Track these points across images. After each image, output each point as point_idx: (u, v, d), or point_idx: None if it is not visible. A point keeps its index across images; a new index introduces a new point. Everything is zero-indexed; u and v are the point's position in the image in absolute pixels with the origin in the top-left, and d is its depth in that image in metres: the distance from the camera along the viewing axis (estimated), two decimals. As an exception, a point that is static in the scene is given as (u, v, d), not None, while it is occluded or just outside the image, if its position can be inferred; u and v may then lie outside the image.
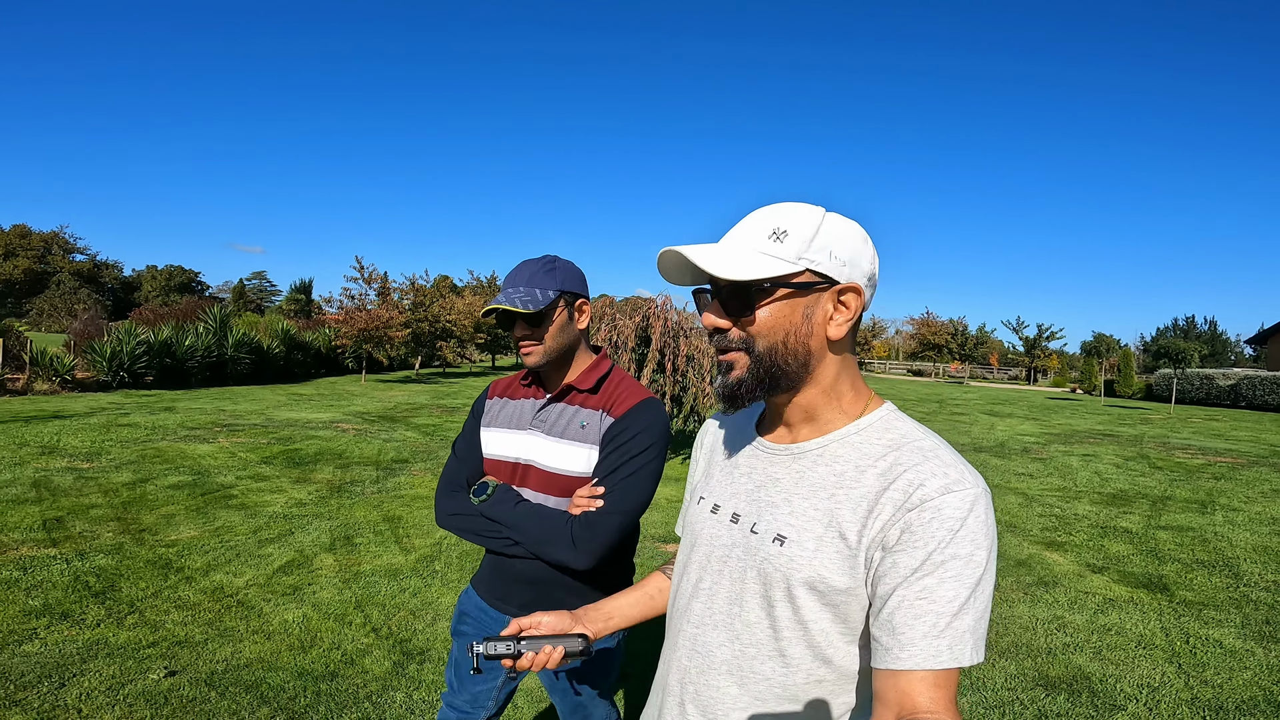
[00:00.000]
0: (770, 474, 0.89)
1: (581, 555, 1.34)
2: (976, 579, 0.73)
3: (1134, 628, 3.48)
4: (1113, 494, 7.03)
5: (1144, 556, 4.77)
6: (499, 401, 1.58)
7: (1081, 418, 16.38)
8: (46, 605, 3.08)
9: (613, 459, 1.39)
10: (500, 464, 1.50)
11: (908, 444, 0.81)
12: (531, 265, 1.47)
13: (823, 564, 0.79)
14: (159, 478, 5.82)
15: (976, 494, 0.75)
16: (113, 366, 13.49)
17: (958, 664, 0.71)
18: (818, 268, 0.81)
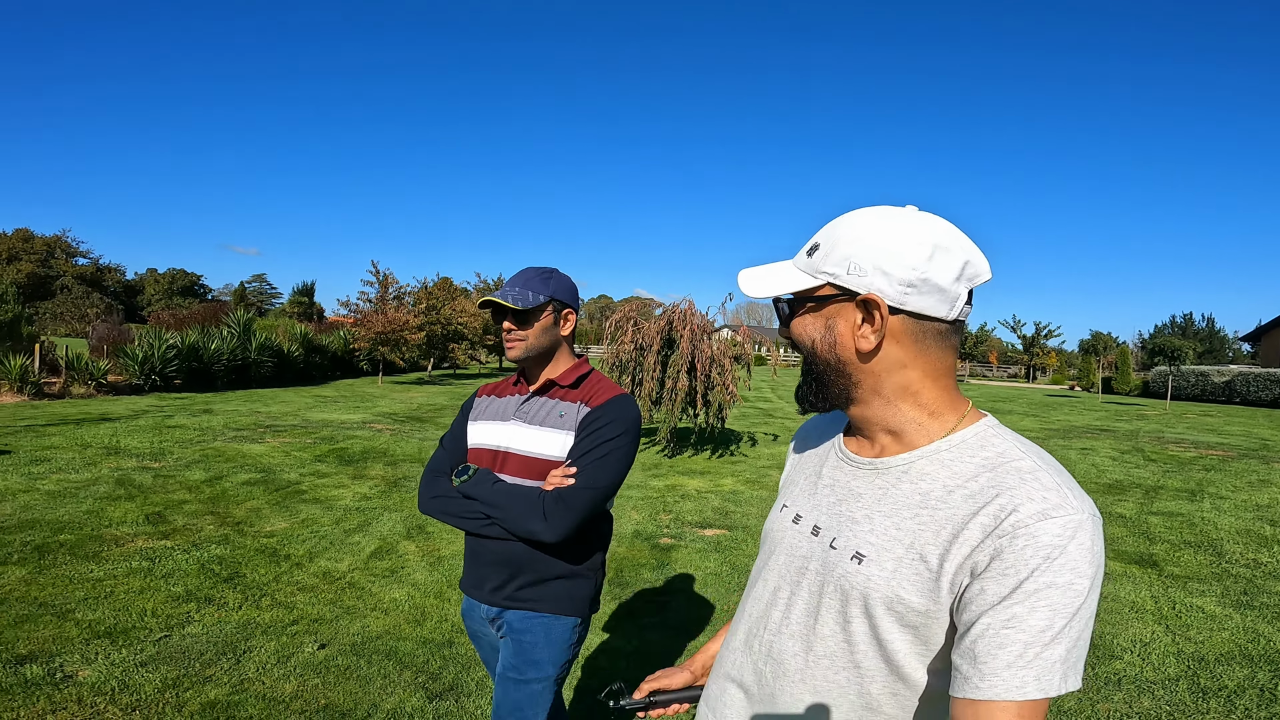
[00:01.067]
0: (852, 488, 0.88)
1: (551, 527, 1.44)
2: (1074, 608, 0.69)
3: (1127, 596, 3.99)
4: (1109, 484, 7.54)
5: (1136, 538, 5.28)
6: (486, 399, 1.72)
7: (1080, 414, 16.89)
8: (189, 592, 3.54)
9: (586, 443, 1.52)
10: (482, 452, 1.61)
11: (1004, 464, 0.77)
12: (530, 271, 1.63)
13: (900, 585, 0.77)
14: (230, 475, 6.30)
15: (1080, 520, 0.71)
16: (144, 370, 13.96)
17: (1044, 695, 0.68)
18: (836, 280, 0.82)
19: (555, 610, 1.55)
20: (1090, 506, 0.73)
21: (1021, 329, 40.01)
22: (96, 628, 3.01)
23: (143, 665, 2.73)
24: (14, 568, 3.67)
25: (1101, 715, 2.68)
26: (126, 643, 2.90)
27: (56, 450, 7.18)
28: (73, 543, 4.15)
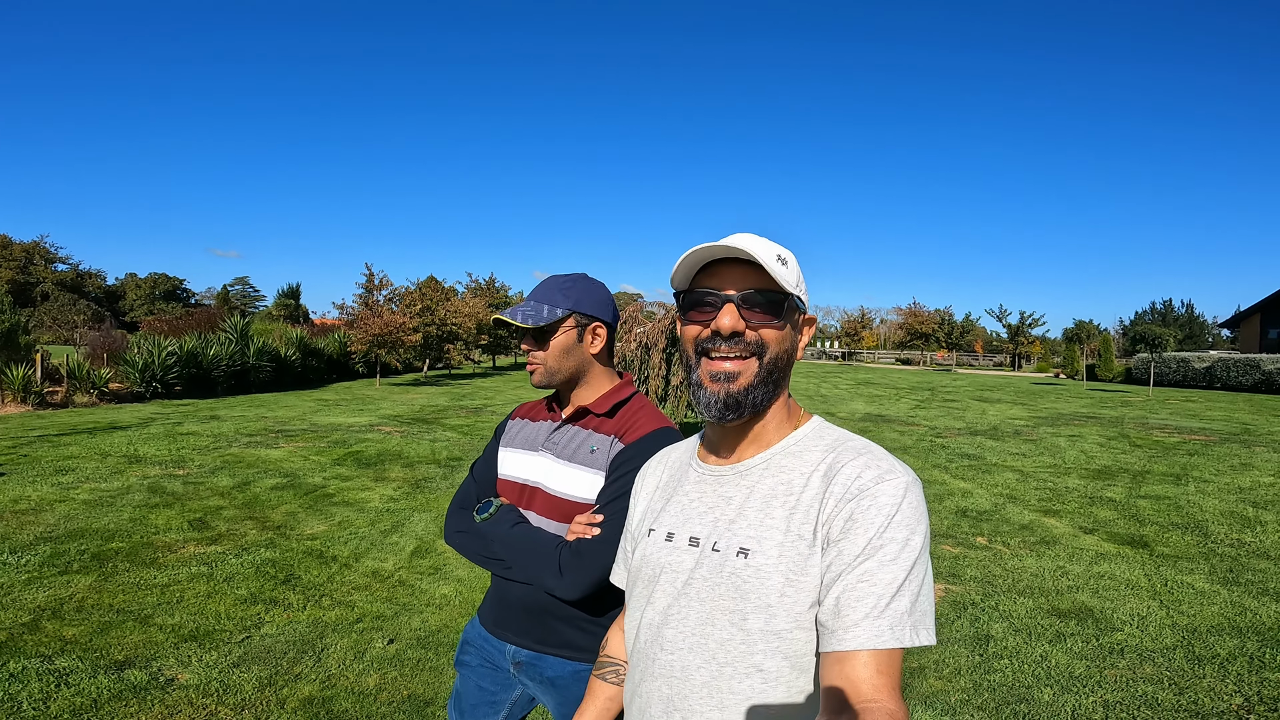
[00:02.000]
0: (721, 494, 0.93)
1: (568, 585, 1.29)
2: (911, 562, 0.77)
3: (1122, 574, 4.29)
4: (1098, 469, 7.88)
5: (1127, 520, 5.60)
6: (519, 423, 1.57)
7: (1066, 401, 17.33)
8: (252, 594, 3.74)
9: (616, 486, 1.33)
10: (510, 485, 1.48)
11: (842, 445, 0.89)
12: (551, 281, 1.47)
13: (789, 569, 0.82)
14: (257, 481, 6.48)
15: (908, 481, 0.82)
16: (145, 378, 14.01)
17: (899, 644, 0.74)
18: (798, 293, 0.93)
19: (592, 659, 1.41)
20: (912, 472, 0.85)
21: (1006, 318, 40.66)
22: (180, 631, 3.21)
23: (235, 666, 2.93)
24: (79, 576, 3.86)
25: (1109, 681, 2.96)
26: (212, 645, 3.10)
27: (78, 460, 7.32)
28: (127, 550, 4.33)
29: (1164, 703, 2.79)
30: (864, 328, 52.30)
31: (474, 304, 26.26)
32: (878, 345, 52.72)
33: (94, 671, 2.76)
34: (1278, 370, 21.19)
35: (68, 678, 2.70)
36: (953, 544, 4.92)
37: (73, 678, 2.70)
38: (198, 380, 15.26)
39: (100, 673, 2.75)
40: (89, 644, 3.01)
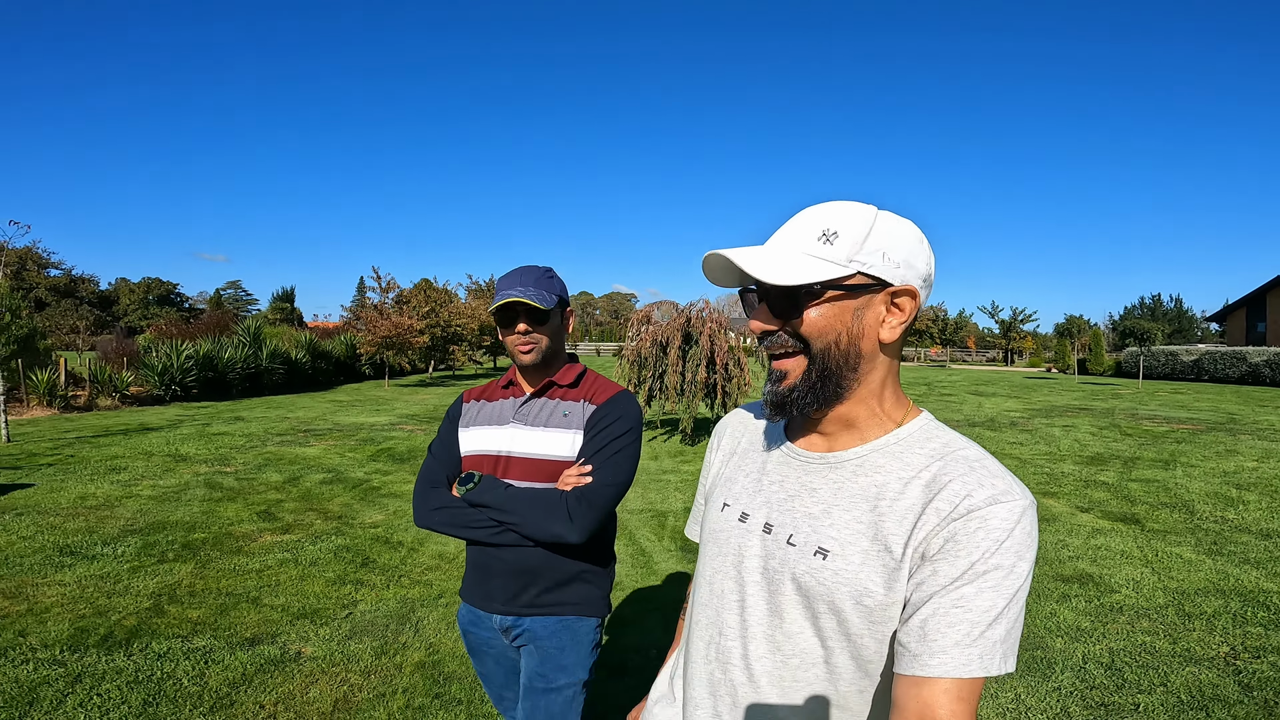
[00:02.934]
0: (805, 483, 0.87)
1: (577, 527, 1.41)
2: (1014, 590, 0.73)
3: (1117, 546, 4.73)
4: (1091, 456, 8.35)
5: (1120, 501, 6.06)
6: (475, 404, 1.65)
7: (1059, 395, 17.84)
8: (339, 577, 4.09)
9: (598, 440, 1.48)
10: (482, 458, 1.55)
11: (952, 453, 0.81)
12: (534, 271, 1.58)
13: (869, 578, 0.78)
14: (305, 476, 6.85)
15: (1024, 506, 0.75)
16: (164, 381, 14.32)
17: (986, 673, 0.71)
18: (870, 270, 0.80)
19: (578, 612, 1.53)
20: (1030, 494, 0.77)
21: (999, 314, 41.31)
22: (289, 610, 3.56)
23: (348, 638, 3.28)
24: (178, 564, 4.22)
25: (1112, 633, 3.38)
26: (322, 621, 3.46)
27: (124, 459, 7.66)
28: (211, 540, 4.70)
29: (1161, 650, 3.21)
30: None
31: (476, 306, 26.63)
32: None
33: (230, 649, 3.11)
34: (1264, 363, 21.79)
35: (210, 655, 3.04)
36: (963, 523, 5.36)
37: (215, 655, 3.04)
38: (213, 383, 15.57)
39: (236, 649, 3.10)
40: (215, 624, 3.36)
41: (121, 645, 3.06)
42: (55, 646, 3.01)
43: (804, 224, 0.83)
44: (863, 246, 0.80)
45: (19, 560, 4.16)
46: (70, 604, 3.50)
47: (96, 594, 3.65)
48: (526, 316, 1.51)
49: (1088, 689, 2.86)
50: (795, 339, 0.83)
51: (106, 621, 3.29)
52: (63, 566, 4.07)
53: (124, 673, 2.81)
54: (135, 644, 3.08)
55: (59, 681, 2.71)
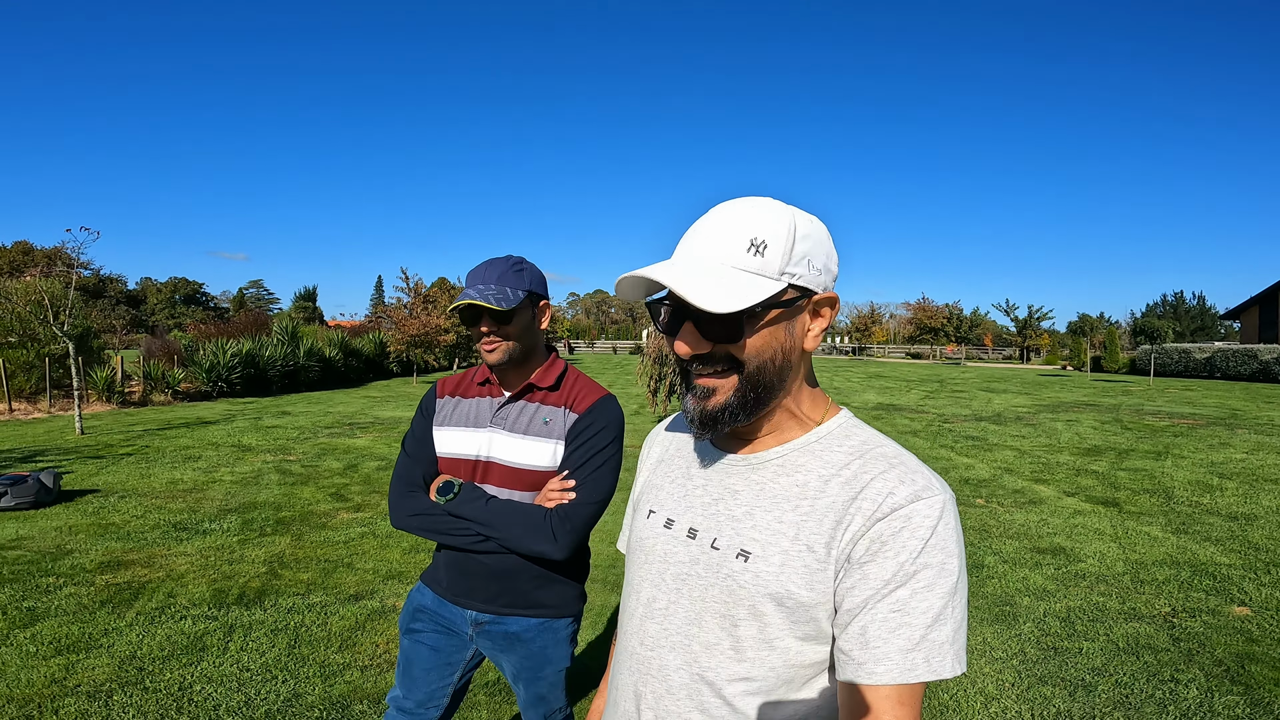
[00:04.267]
0: (728, 486, 0.86)
1: (561, 547, 1.40)
2: (950, 588, 0.72)
3: (1092, 525, 5.32)
4: (1088, 448, 8.88)
5: (1105, 487, 6.63)
6: (451, 400, 1.59)
7: (1069, 391, 18.25)
8: (413, 546, 4.73)
9: (580, 453, 1.45)
10: (459, 462, 1.51)
11: (870, 451, 0.80)
12: (500, 264, 1.49)
13: (790, 578, 0.77)
14: (362, 464, 7.58)
15: (945, 500, 0.75)
16: (211, 378, 15.19)
17: (937, 676, 0.70)
18: (799, 281, 0.77)
19: (556, 614, 1.54)
20: (948, 489, 0.77)
21: (1014, 312, 41.48)
22: (379, 573, 4.22)
23: None
24: (277, 537, 4.92)
25: (1072, 594, 3.98)
26: (408, 581, 4.11)
27: (195, 450, 8.44)
28: (298, 518, 5.41)
29: (1110, 609, 3.81)
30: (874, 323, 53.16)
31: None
32: (887, 340, 53.60)
33: (340, 603, 3.76)
34: (1274, 360, 22.01)
35: (326, 608, 3.68)
36: (957, 504, 5.96)
37: (330, 608, 3.69)
38: (254, 380, 16.42)
39: (345, 603, 3.75)
40: (324, 584, 4.03)
41: (255, 602, 3.75)
42: (202, 605, 3.69)
43: (728, 232, 0.77)
44: (791, 256, 0.76)
45: (142, 535, 4.88)
46: (200, 570, 4.20)
47: (219, 561, 4.36)
48: (489, 317, 1.45)
49: (1043, 635, 3.46)
50: (727, 360, 0.78)
51: (236, 584, 3.99)
52: (181, 540, 4.79)
53: (264, 624, 3.48)
54: (266, 600, 3.76)
55: (217, 632, 3.37)
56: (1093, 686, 2.96)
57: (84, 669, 2.94)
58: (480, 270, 1.49)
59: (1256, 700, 2.83)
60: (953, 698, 2.87)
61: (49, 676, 2.86)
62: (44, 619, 3.42)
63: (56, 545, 4.57)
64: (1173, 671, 3.08)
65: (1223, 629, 3.51)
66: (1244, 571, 4.33)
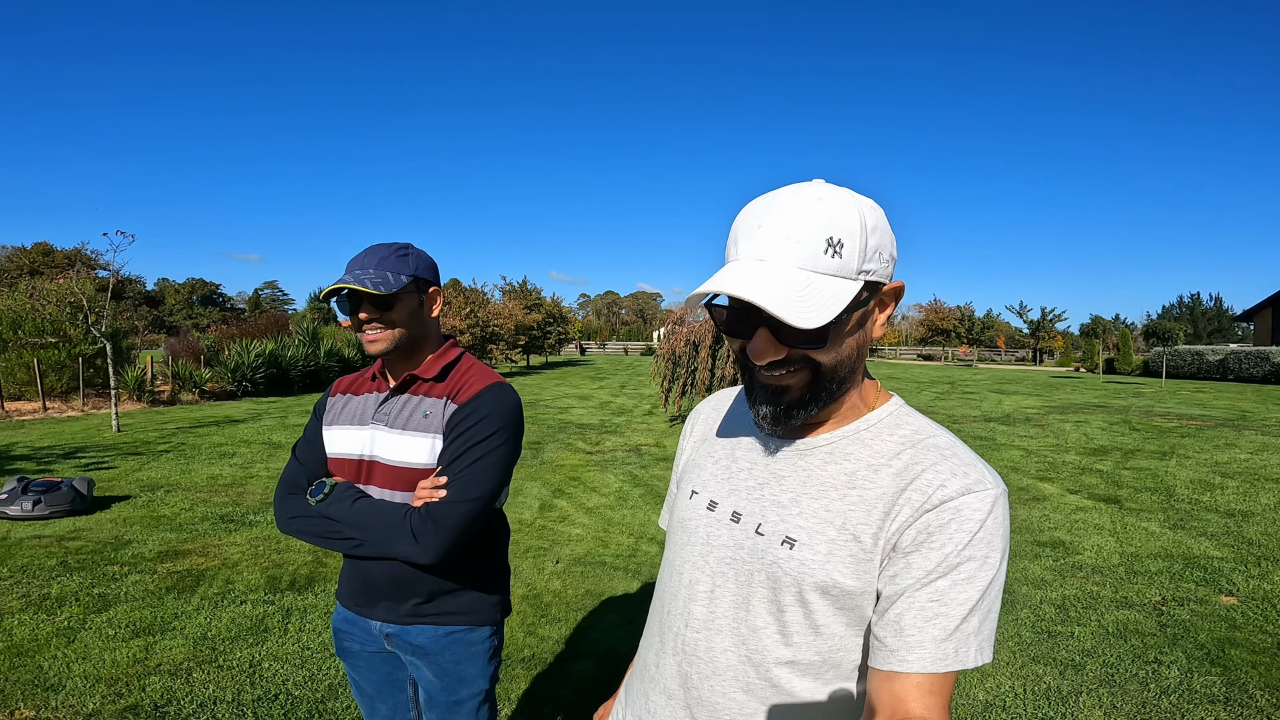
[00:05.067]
0: (774, 471, 0.86)
1: (425, 549, 1.28)
2: (988, 581, 0.73)
3: (1092, 520, 5.54)
4: (1095, 448, 9.06)
5: (1108, 485, 6.83)
6: (341, 399, 1.52)
7: (1080, 393, 18.33)
8: None
9: (455, 446, 1.34)
10: (344, 462, 1.44)
11: (923, 441, 0.80)
12: (383, 249, 1.41)
13: (836, 568, 0.77)
14: (388, 461, 7.89)
15: (996, 495, 0.75)
16: (236, 377, 15.60)
17: (962, 666, 0.72)
18: (873, 276, 0.76)
19: (468, 622, 1.43)
20: (1001, 482, 0.77)
21: (1027, 314, 41.39)
22: None
23: None
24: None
25: (1068, 584, 4.22)
26: None
27: (229, 447, 8.79)
28: (331, 506, 5.73)
29: (1103, 597, 4.04)
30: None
31: (511, 306, 27.81)
32: (899, 342, 53.59)
33: None
34: (1289, 361, 21.96)
35: None
36: (962, 503, 6.20)
37: None
38: (277, 380, 16.80)
39: None
40: None
41: (306, 587, 4.04)
42: (258, 590, 3.99)
43: (802, 231, 0.72)
44: (866, 253, 0.74)
45: (193, 526, 5.21)
46: (252, 559, 4.51)
47: (268, 551, 4.67)
48: (369, 303, 1.37)
49: (1038, 620, 3.71)
50: (803, 360, 0.77)
51: (286, 571, 4.29)
52: (231, 530, 5.11)
53: (317, 608, 3.77)
54: (316, 586, 4.06)
55: (275, 615, 3.66)
56: (1081, 666, 3.20)
57: (162, 650, 3.23)
58: (360, 256, 1.40)
59: (1233, 681, 3.06)
60: (950, 674, 3.13)
61: (131, 657, 3.14)
62: (116, 605, 3.73)
63: (115, 536, 4.90)
64: (1156, 654, 3.31)
65: (1208, 616, 3.74)
66: (1235, 564, 4.54)
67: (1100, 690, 2.99)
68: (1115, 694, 2.96)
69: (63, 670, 2.98)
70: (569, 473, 7.41)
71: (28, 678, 2.90)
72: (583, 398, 15.98)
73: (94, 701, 2.74)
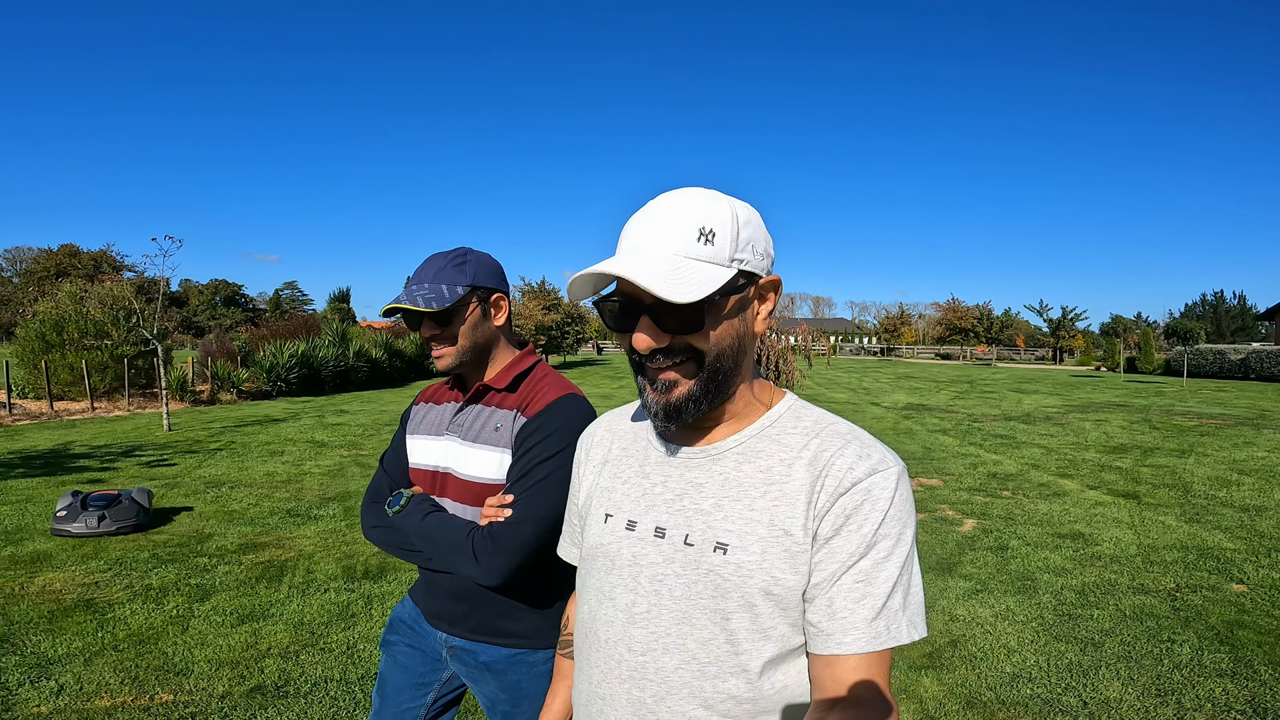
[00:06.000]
0: (690, 480, 0.86)
1: (486, 571, 1.26)
2: (904, 557, 0.77)
3: (1111, 514, 5.79)
4: (1114, 446, 9.27)
5: (1127, 481, 7.07)
6: (424, 407, 1.53)
7: (1101, 392, 18.41)
8: None
9: (523, 463, 1.31)
10: (422, 473, 1.45)
11: (825, 429, 0.83)
12: (440, 259, 1.40)
13: (773, 565, 0.78)
14: (431, 458, 8.26)
15: (899, 472, 0.79)
16: (271, 377, 16.10)
17: (896, 643, 0.74)
18: (746, 266, 0.80)
19: (530, 645, 1.42)
20: (901, 461, 0.81)
21: (1047, 313, 41.25)
22: None
23: None
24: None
25: (1088, 572, 4.48)
26: None
27: (277, 445, 9.21)
28: (387, 500, 6.10)
29: (1120, 584, 4.30)
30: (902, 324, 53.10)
31: (531, 306, 28.25)
32: (916, 341, 53.51)
33: None
34: (1312, 360, 21.87)
35: None
36: (984, 496, 6.47)
37: None
38: (309, 380, 17.30)
39: None
40: None
41: (379, 576, 4.38)
42: (338, 579, 4.32)
43: (676, 222, 0.78)
44: (738, 243, 0.78)
45: (264, 520, 5.59)
46: (325, 550, 4.86)
47: (338, 543, 5.03)
48: (429, 319, 1.36)
49: (1059, 604, 3.98)
50: (686, 350, 0.80)
51: (359, 561, 4.63)
52: (300, 524, 5.48)
53: (392, 594, 4.09)
54: (388, 575, 4.40)
55: (358, 601, 3.97)
56: (1100, 644, 3.48)
57: (268, 634, 3.52)
58: (419, 269, 1.40)
59: (1239, 658, 3.33)
60: (980, 650, 3.41)
61: (243, 642, 3.42)
62: (215, 594, 4.05)
63: (195, 530, 5.28)
64: (1170, 634, 3.59)
65: (1219, 602, 4.00)
66: (1246, 555, 4.79)
67: (1118, 665, 3.27)
68: (1132, 668, 3.24)
69: (186, 656, 3.27)
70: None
71: (156, 663, 3.19)
72: (606, 397, 16.34)
73: (222, 684, 3.02)
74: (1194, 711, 2.87)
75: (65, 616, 3.63)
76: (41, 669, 3.07)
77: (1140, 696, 2.99)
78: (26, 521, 5.36)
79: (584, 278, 0.79)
